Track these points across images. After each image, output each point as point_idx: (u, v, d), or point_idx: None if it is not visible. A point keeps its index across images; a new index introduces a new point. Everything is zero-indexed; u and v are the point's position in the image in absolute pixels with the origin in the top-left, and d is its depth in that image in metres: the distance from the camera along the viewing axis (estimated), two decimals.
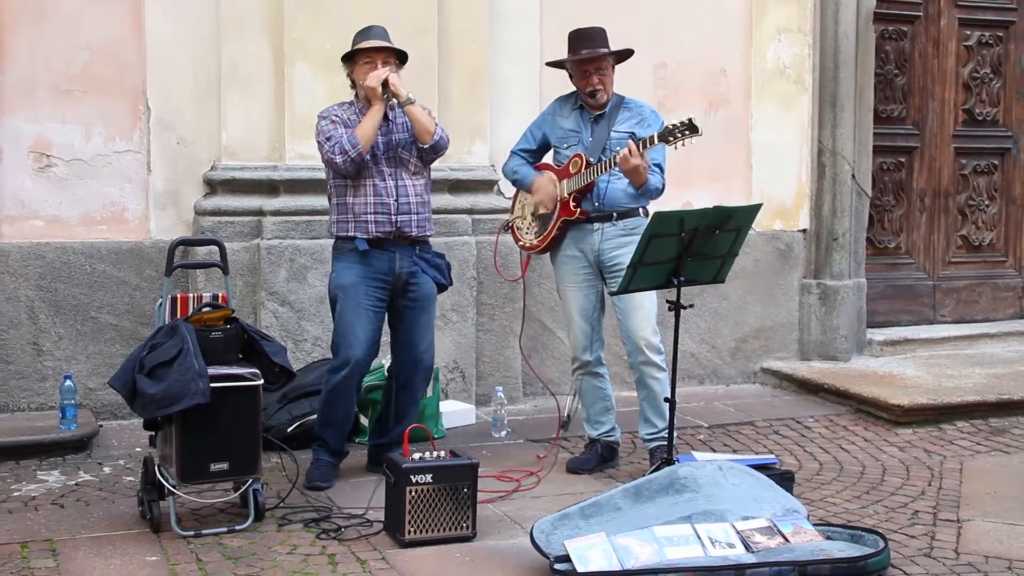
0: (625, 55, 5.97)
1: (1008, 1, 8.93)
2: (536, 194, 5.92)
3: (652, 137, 5.58)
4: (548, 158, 6.09)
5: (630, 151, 5.53)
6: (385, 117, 5.57)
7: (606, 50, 5.84)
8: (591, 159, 5.78)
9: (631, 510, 4.74)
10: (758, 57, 8.02)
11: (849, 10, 8.07)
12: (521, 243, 6.11)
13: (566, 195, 5.83)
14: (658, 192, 5.84)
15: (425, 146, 5.58)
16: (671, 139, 5.53)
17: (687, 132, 5.51)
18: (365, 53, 5.58)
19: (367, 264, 5.60)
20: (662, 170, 5.80)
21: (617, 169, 5.67)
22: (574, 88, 5.98)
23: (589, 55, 5.81)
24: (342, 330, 5.63)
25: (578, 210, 5.82)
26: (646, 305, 5.81)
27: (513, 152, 6.13)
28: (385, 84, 5.46)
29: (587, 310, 5.93)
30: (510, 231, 6.18)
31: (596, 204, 5.82)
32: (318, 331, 6.67)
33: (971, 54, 8.86)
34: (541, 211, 5.94)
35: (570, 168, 5.85)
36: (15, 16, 6.50)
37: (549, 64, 6.15)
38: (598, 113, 5.90)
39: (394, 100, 5.49)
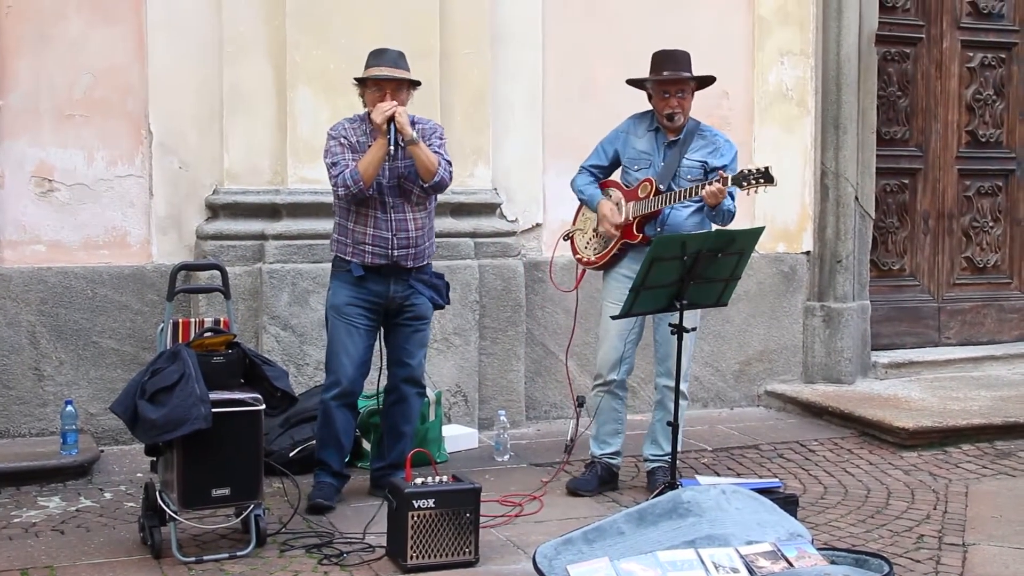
0: (707, 81, 5.98)
1: (1010, 23, 8.94)
2: (601, 223, 5.91)
3: (726, 179, 5.56)
4: (616, 175, 6.10)
5: (711, 191, 5.53)
6: (396, 144, 5.54)
7: (689, 74, 5.85)
8: (661, 186, 5.77)
9: (634, 535, 4.72)
10: (760, 79, 8.03)
11: (851, 32, 8.08)
12: (579, 256, 6.12)
13: (631, 218, 5.83)
14: (731, 215, 5.82)
15: (425, 184, 5.56)
16: (744, 184, 5.54)
17: (761, 180, 5.51)
18: (376, 80, 5.56)
19: (361, 287, 5.61)
20: (732, 196, 5.77)
21: (684, 201, 5.70)
22: (649, 108, 5.99)
23: (672, 76, 5.81)
24: (333, 350, 5.66)
25: (641, 235, 5.82)
26: (691, 336, 5.80)
27: (583, 167, 6.11)
28: (391, 119, 5.44)
29: (625, 332, 5.91)
30: (570, 241, 6.19)
31: (658, 230, 5.81)
32: (320, 355, 6.63)
33: (974, 76, 8.86)
34: (593, 235, 5.97)
35: (639, 192, 5.84)
36: (18, 40, 6.52)
37: (629, 82, 6.08)
38: (673, 138, 5.90)
39: (398, 136, 5.45)
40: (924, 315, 8.83)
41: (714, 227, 5.88)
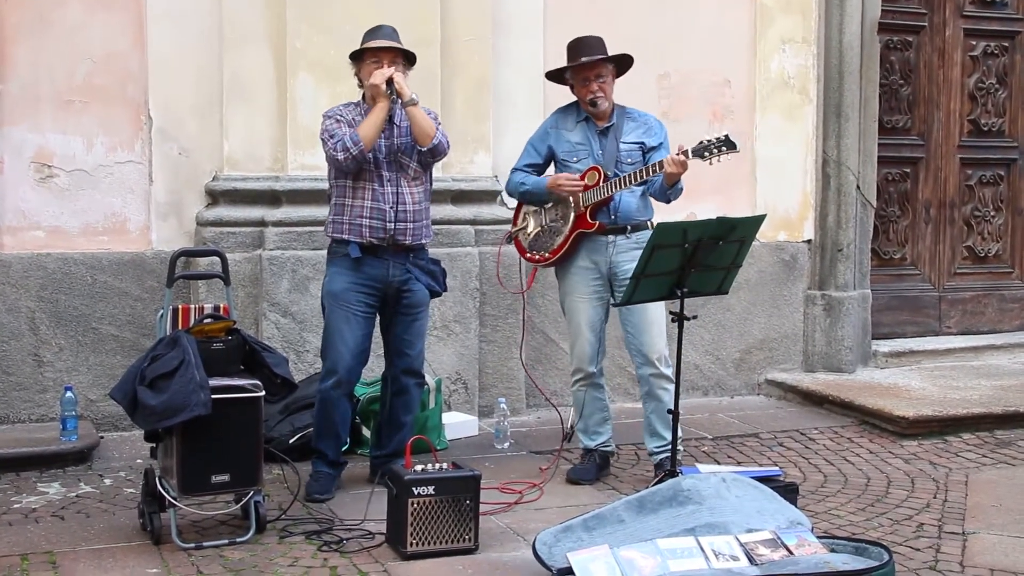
0: (625, 62, 5.97)
1: (1014, 11, 8.93)
2: (561, 188, 5.83)
3: (687, 151, 5.56)
4: (550, 171, 6.07)
5: (676, 160, 5.53)
6: (390, 120, 5.53)
7: (604, 55, 5.84)
8: (608, 172, 5.77)
9: (634, 522, 4.72)
10: (762, 67, 8.01)
11: (854, 20, 8.06)
12: (530, 255, 6.07)
13: (582, 208, 5.81)
14: (681, 191, 5.83)
15: (423, 149, 5.54)
16: (706, 154, 5.53)
17: (723, 148, 5.51)
18: (372, 52, 5.54)
19: (359, 271, 5.58)
20: None
21: (635, 185, 5.69)
22: (574, 99, 5.97)
23: (588, 61, 5.80)
24: (330, 337, 5.64)
25: (597, 224, 5.81)
26: (659, 319, 5.82)
27: (516, 169, 6.07)
28: (390, 82, 5.42)
29: (595, 323, 5.92)
30: (513, 243, 6.16)
31: (612, 217, 5.81)
32: (320, 342, 6.63)
33: (976, 64, 8.84)
34: (540, 231, 5.92)
35: (586, 180, 5.83)
36: (17, 26, 6.50)
37: (548, 75, 6.13)
38: (605, 125, 5.89)
39: (397, 99, 5.44)
40: (925, 304, 8.82)
41: (654, 214, 5.94)
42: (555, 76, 6.07)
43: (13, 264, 6.55)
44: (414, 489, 4.75)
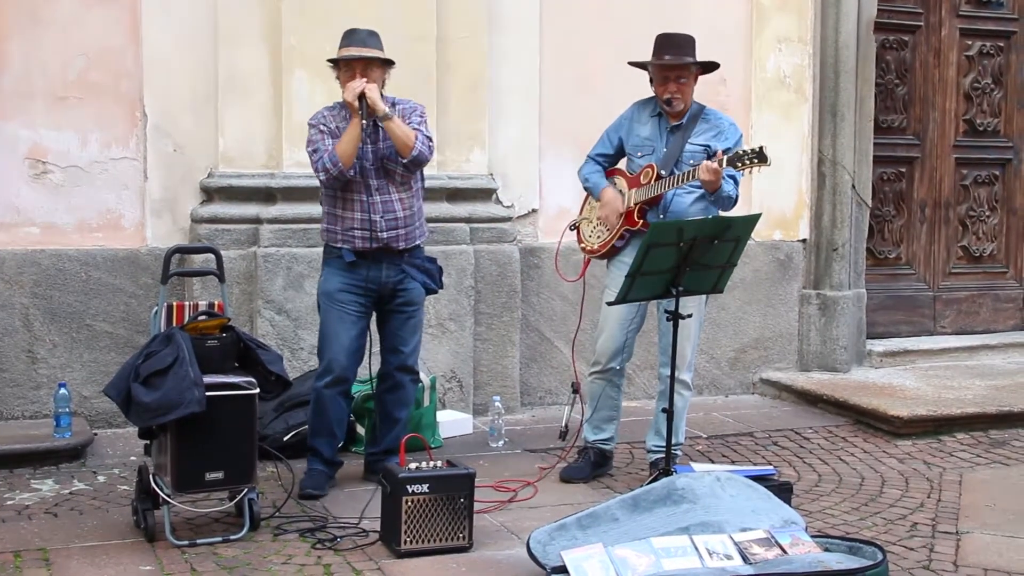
0: (711, 66, 5.93)
1: (1009, 11, 8.93)
2: (602, 208, 5.88)
3: (721, 160, 5.52)
4: (622, 164, 6.06)
5: (709, 167, 5.48)
6: (374, 126, 5.51)
7: (690, 59, 5.79)
8: (662, 171, 5.74)
9: (628, 521, 4.72)
10: (758, 66, 8.01)
11: (850, 19, 8.06)
12: (582, 245, 6.08)
13: (632, 205, 5.80)
14: (731, 201, 5.77)
15: (404, 160, 5.51)
16: (738, 164, 5.49)
17: (755, 160, 5.45)
18: (346, 60, 5.53)
19: (353, 272, 5.59)
20: (736, 181, 5.72)
21: (686, 184, 5.65)
22: (653, 94, 5.93)
23: (673, 61, 5.77)
24: (325, 337, 5.65)
25: (641, 221, 5.78)
26: (695, 325, 5.79)
27: (589, 157, 6.07)
28: (362, 97, 5.41)
29: (626, 320, 5.89)
30: (576, 231, 6.15)
31: (660, 216, 5.76)
32: (315, 340, 6.59)
33: (972, 64, 8.85)
34: (598, 224, 5.93)
35: (641, 179, 5.80)
36: (11, 22, 6.48)
37: (631, 64, 6.04)
38: (676, 123, 5.85)
39: (371, 115, 5.40)
40: (920, 304, 8.83)
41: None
42: (637, 64, 6.00)
43: (7, 260, 6.54)
44: (408, 487, 4.75)
